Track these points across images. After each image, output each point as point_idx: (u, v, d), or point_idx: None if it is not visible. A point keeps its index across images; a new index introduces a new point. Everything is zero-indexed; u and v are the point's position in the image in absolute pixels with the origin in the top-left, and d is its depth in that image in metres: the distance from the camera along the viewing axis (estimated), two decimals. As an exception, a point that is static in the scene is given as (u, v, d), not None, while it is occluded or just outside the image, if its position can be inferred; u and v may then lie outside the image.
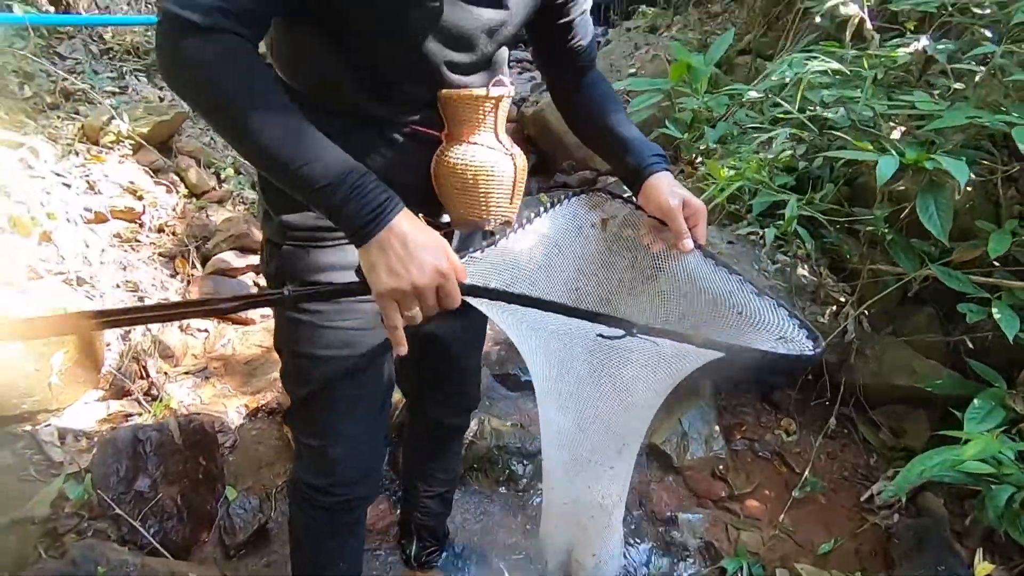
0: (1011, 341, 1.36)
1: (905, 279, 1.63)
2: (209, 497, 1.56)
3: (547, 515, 1.08)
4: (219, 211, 2.75)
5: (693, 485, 1.75)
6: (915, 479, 1.30)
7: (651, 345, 0.75)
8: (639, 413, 0.88)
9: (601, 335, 0.74)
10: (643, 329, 0.72)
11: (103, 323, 0.65)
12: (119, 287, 2.21)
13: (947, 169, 1.28)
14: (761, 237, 1.81)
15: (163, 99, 3.09)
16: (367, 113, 0.84)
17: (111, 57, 3.33)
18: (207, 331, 2.32)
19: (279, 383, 2.04)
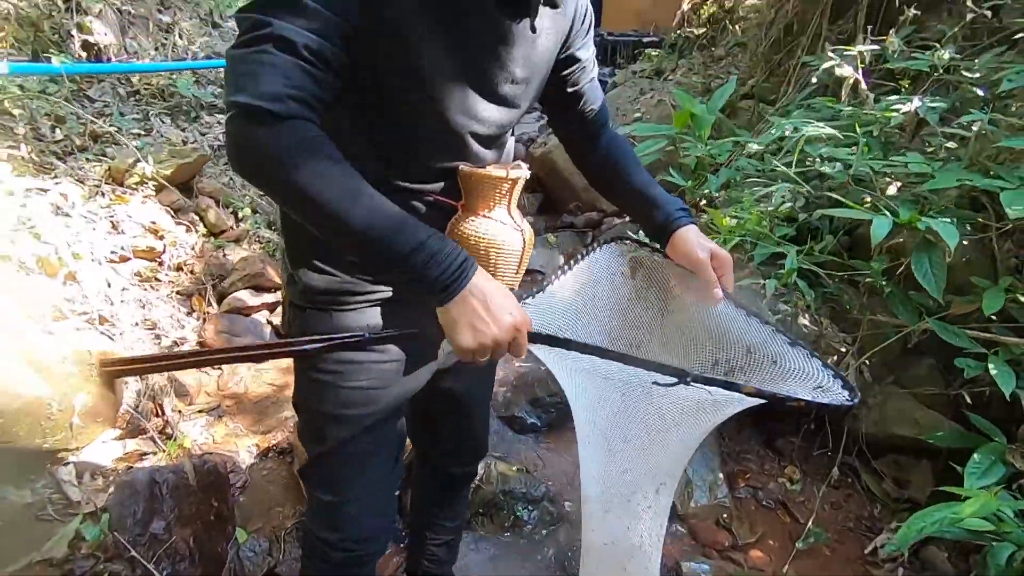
0: (1007, 398, 1.39)
1: (905, 331, 1.67)
2: (220, 539, 1.59)
3: (587, 557, 1.08)
4: (236, 250, 2.83)
5: (697, 533, 1.76)
6: (916, 535, 1.31)
7: (695, 391, 0.77)
8: (679, 454, 0.92)
9: (656, 383, 0.77)
10: (696, 378, 0.75)
11: (184, 364, 0.69)
12: (138, 325, 2.28)
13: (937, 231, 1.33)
14: (763, 287, 1.85)
15: (186, 142, 3.22)
16: (392, 184, 0.88)
17: (137, 100, 3.48)
18: (221, 369, 2.38)
19: (290, 423, 2.09)
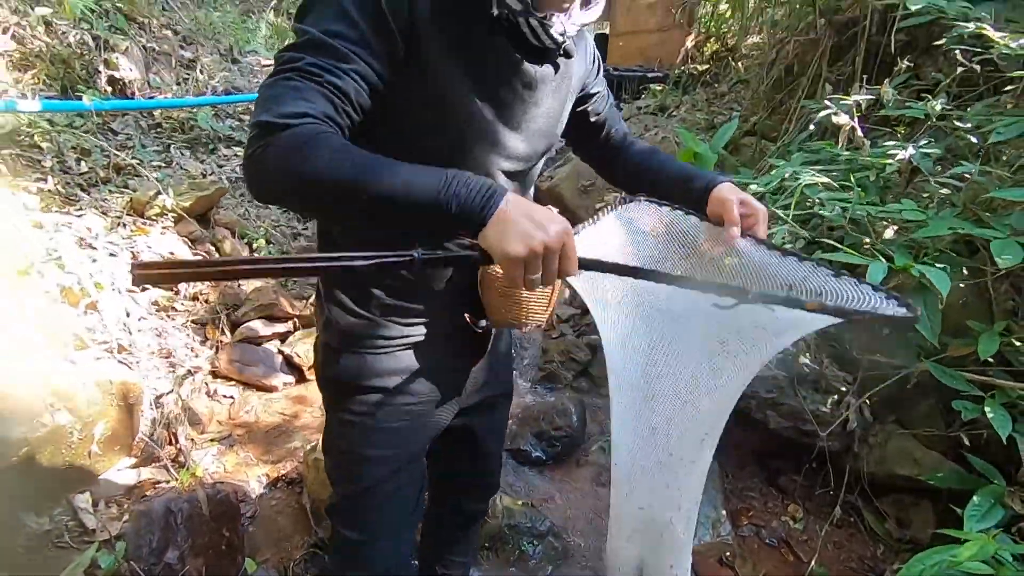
0: (1004, 442, 1.42)
1: (904, 371, 1.70)
2: (230, 569, 1.62)
3: (616, 528, 1.03)
4: (250, 280, 2.91)
5: (701, 571, 1.77)
6: (916, 578, 1.33)
7: (753, 319, 0.73)
8: (727, 398, 0.87)
9: (716, 305, 0.73)
10: (756, 296, 0.71)
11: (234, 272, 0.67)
12: (154, 354, 2.34)
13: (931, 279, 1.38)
14: (764, 326, 1.90)
15: (205, 174, 3.33)
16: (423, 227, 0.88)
17: (159, 132, 3.62)
18: (232, 398, 2.43)
19: (299, 452, 2.13)
